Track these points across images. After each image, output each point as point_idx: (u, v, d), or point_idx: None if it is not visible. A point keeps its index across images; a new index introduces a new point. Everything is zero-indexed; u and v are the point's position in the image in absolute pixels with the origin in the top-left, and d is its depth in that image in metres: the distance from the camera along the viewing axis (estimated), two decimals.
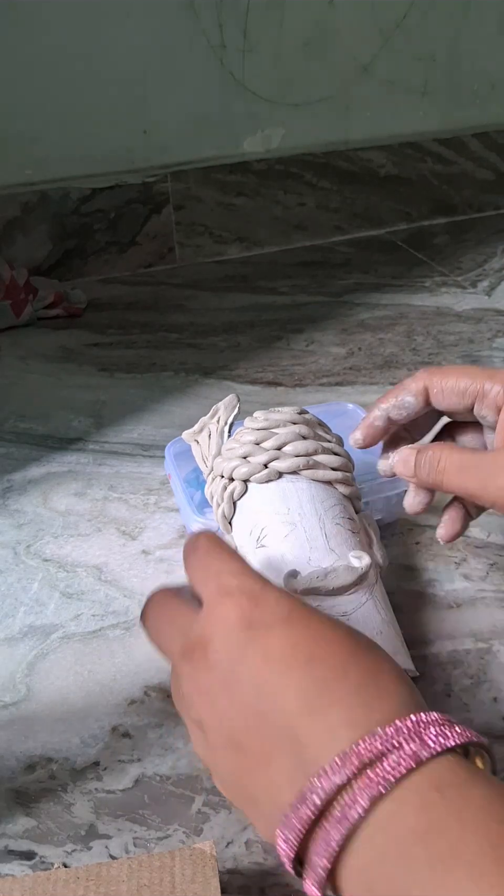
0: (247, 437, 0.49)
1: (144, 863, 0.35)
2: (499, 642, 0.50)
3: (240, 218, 1.08)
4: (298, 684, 0.28)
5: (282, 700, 0.28)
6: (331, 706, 0.27)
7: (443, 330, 0.88)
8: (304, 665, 0.28)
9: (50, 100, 0.95)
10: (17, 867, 0.39)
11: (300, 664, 0.28)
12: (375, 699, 0.27)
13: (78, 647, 0.51)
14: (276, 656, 0.28)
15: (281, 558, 0.44)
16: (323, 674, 0.28)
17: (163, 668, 0.49)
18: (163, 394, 0.78)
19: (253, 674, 0.28)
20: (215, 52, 0.98)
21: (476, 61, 1.12)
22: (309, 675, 0.28)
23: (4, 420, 0.75)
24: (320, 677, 0.28)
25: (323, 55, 1.04)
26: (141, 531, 0.60)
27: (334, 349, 0.85)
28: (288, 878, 0.38)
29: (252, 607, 0.30)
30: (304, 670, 0.28)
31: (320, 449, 0.48)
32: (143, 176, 1.02)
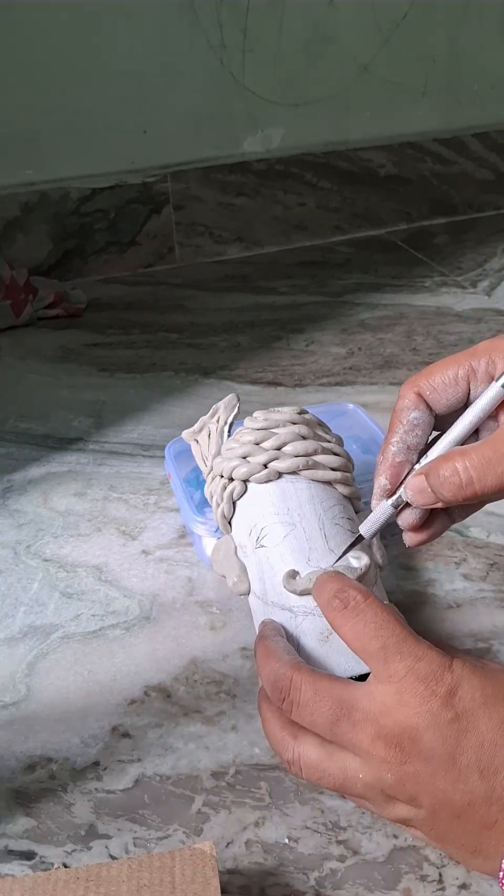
0: (246, 437, 0.49)
1: (144, 863, 0.35)
2: (499, 642, 0.50)
3: (240, 218, 1.08)
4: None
5: (503, 776, 0.32)
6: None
7: (443, 330, 0.88)
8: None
9: (50, 100, 0.95)
10: (17, 867, 0.39)
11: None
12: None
13: (78, 647, 0.51)
14: (489, 741, 0.33)
15: (280, 558, 0.44)
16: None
17: (162, 668, 0.49)
18: (163, 394, 0.78)
19: (473, 760, 0.32)
20: (215, 52, 0.98)
21: (476, 61, 1.12)
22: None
23: (4, 420, 0.75)
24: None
25: (323, 55, 1.04)
26: (141, 531, 0.60)
27: (334, 349, 0.85)
28: (288, 877, 0.38)
29: (451, 698, 0.33)
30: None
31: (320, 449, 0.48)
32: (143, 176, 1.02)
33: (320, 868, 0.38)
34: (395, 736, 0.33)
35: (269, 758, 0.43)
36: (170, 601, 0.54)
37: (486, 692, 0.33)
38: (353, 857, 0.39)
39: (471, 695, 0.33)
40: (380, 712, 0.34)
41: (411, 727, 0.33)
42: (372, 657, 0.35)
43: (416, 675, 0.34)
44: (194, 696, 0.47)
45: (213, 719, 0.46)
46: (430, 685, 0.33)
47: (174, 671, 0.49)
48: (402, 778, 0.33)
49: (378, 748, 0.34)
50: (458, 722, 0.33)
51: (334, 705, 0.35)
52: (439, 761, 0.33)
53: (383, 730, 0.33)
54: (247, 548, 0.47)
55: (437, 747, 0.33)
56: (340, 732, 0.35)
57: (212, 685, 0.48)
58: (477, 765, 0.32)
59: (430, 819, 0.34)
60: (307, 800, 0.41)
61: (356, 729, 0.34)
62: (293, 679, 0.36)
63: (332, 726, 0.35)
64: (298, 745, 0.36)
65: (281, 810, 0.41)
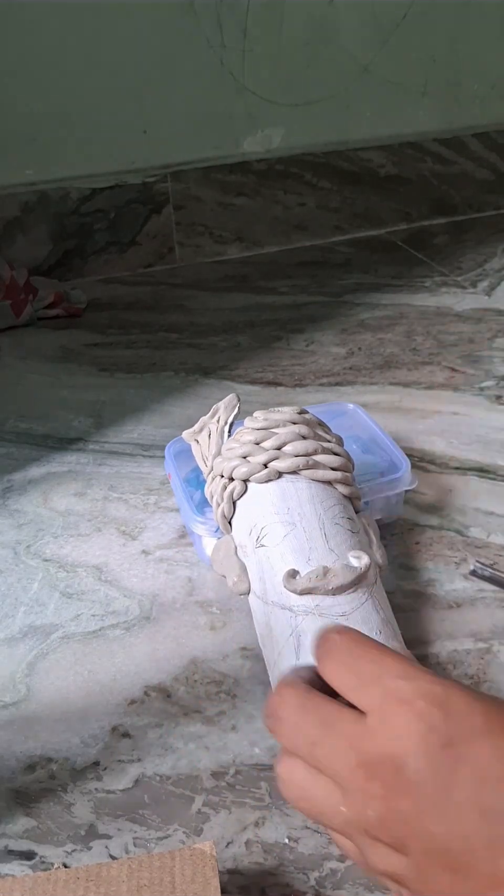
0: (247, 436, 0.49)
1: (144, 863, 0.35)
2: (499, 642, 0.50)
3: (240, 218, 1.08)
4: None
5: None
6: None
7: (443, 330, 0.88)
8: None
9: (50, 100, 0.95)
10: (17, 867, 0.39)
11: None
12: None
13: (78, 647, 0.51)
14: (494, 776, 0.26)
15: (280, 558, 0.44)
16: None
17: (162, 668, 0.49)
18: (163, 394, 0.78)
19: (471, 797, 0.26)
20: (215, 52, 0.98)
21: (476, 61, 1.12)
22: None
23: (4, 420, 0.75)
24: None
25: (323, 55, 1.04)
26: (141, 531, 0.60)
27: (334, 349, 0.85)
28: (288, 877, 0.38)
29: (444, 720, 0.27)
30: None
31: (320, 449, 0.48)
32: (143, 176, 1.02)
33: (320, 868, 0.38)
34: (377, 765, 0.28)
35: (269, 758, 0.43)
36: (170, 601, 0.54)
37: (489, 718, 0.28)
38: None
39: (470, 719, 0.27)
40: (361, 737, 0.29)
41: (396, 755, 0.27)
42: (349, 690, 0.30)
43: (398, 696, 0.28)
44: (194, 696, 0.47)
45: (213, 719, 0.46)
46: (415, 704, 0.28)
47: (174, 671, 0.49)
48: (385, 816, 0.28)
49: (359, 778, 0.28)
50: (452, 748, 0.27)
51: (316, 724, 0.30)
52: (430, 798, 0.27)
53: (364, 757, 0.28)
54: (247, 547, 0.47)
55: (426, 779, 0.27)
56: (321, 755, 0.30)
57: (212, 685, 0.48)
58: (477, 804, 0.26)
59: (420, 872, 0.27)
60: None
61: (336, 754, 0.29)
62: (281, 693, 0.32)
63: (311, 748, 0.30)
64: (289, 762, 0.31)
65: (281, 810, 0.41)
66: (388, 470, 0.58)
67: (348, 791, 0.29)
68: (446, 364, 0.81)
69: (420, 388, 0.77)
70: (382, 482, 0.56)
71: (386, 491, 0.56)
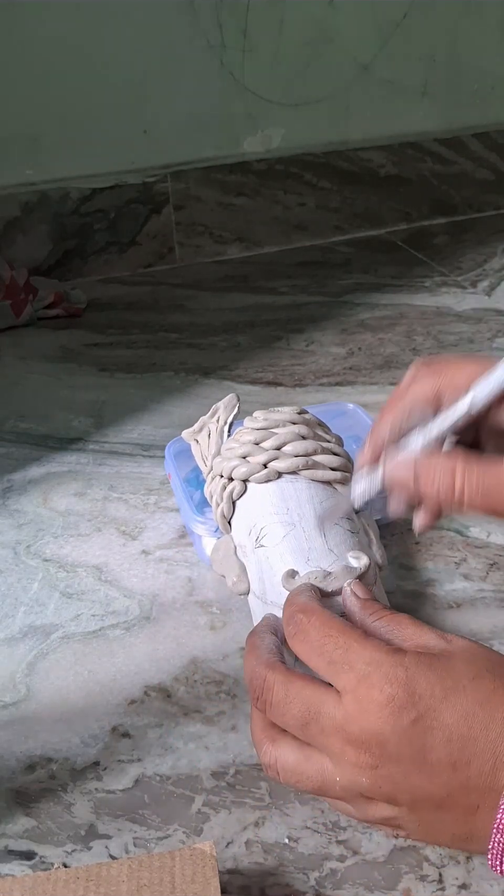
0: (246, 436, 0.49)
1: (144, 863, 0.35)
2: (499, 642, 0.50)
3: (240, 218, 1.08)
4: (484, 748, 0.32)
5: (476, 765, 0.32)
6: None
7: (443, 330, 0.88)
8: (480, 730, 0.32)
9: (50, 100, 0.95)
10: (17, 867, 0.39)
11: (478, 731, 0.32)
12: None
13: (78, 647, 0.51)
14: (456, 735, 0.32)
15: (280, 558, 0.44)
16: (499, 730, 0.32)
17: (162, 668, 0.49)
18: (163, 394, 0.78)
19: (444, 755, 0.32)
20: (215, 52, 0.98)
21: (476, 61, 1.12)
22: (487, 738, 0.32)
23: (4, 420, 0.75)
24: (499, 732, 0.32)
25: (323, 55, 1.03)
26: (141, 531, 0.60)
27: (334, 349, 0.85)
28: (288, 877, 0.38)
29: (410, 698, 0.32)
30: (482, 734, 0.32)
31: (320, 449, 0.48)
32: (143, 176, 1.02)
33: (320, 868, 0.38)
34: (362, 742, 0.33)
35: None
36: (170, 601, 0.54)
37: (445, 685, 0.33)
38: (353, 857, 0.39)
39: (430, 691, 0.32)
40: (344, 720, 0.33)
41: (376, 733, 0.32)
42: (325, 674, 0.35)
43: (368, 683, 0.33)
44: (194, 696, 0.47)
45: (213, 719, 0.46)
46: (384, 689, 0.33)
47: (174, 671, 0.49)
48: (376, 780, 0.33)
49: (348, 753, 0.33)
50: (421, 721, 0.32)
51: (303, 708, 0.34)
52: (410, 762, 0.32)
53: (350, 736, 0.33)
54: (246, 547, 0.47)
55: (404, 750, 0.32)
56: (311, 735, 0.34)
57: (212, 685, 0.48)
58: (448, 759, 0.32)
59: (413, 814, 0.33)
60: (307, 800, 0.41)
61: (325, 734, 0.34)
62: (266, 678, 0.36)
63: (302, 728, 0.35)
64: (276, 749, 0.36)
65: (281, 810, 0.41)
66: None
67: (339, 764, 0.34)
68: None
69: None
70: None
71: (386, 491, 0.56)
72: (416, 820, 0.33)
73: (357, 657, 0.34)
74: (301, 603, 0.38)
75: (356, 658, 0.34)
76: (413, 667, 0.33)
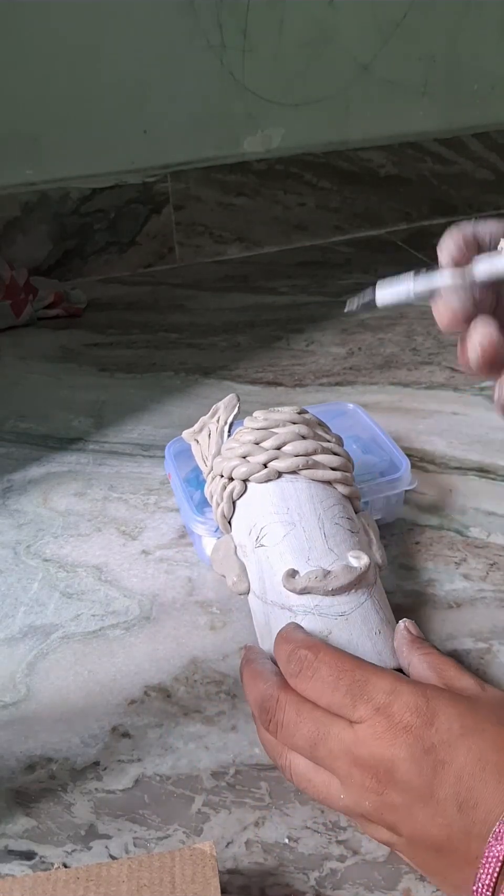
0: (246, 436, 0.49)
1: (144, 863, 0.35)
2: (499, 642, 0.50)
3: (240, 218, 1.08)
4: (493, 794, 0.31)
5: (483, 811, 0.30)
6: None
7: None
8: (493, 775, 0.31)
9: (50, 100, 0.95)
10: (17, 867, 0.39)
11: (490, 775, 0.31)
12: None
13: (78, 647, 0.51)
14: (467, 773, 0.31)
15: (280, 558, 0.44)
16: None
17: (162, 668, 0.49)
18: (163, 394, 0.78)
19: (451, 793, 0.31)
20: (215, 52, 0.98)
21: (476, 61, 1.12)
22: (499, 786, 0.31)
23: (4, 420, 0.75)
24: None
25: (323, 55, 1.04)
26: (141, 531, 0.60)
27: (334, 349, 0.85)
28: (288, 877, 0.38)
29: (426, 729, 0.32)
30: (494, 780, 0.31)
31: (320, 449, 0.48)
32: (143, 176, 1.02)
33: (320, 868, 0.38)
34: (370, 767, 0.32)
35: (268, 758, 0.43)
36: (170, 601, 0.54)
37: (464, 723, 0.32)
38: (353, 857, 0.39)
39: (447, 725, 0.32)
40: (354, 744, 0.33)
41: (387, 759, 0.32)
42: (339, 709, 0.35)
43: (387, 712, 0.33)
44: (194, 696, 0.47)
45: (213, 719, 0.46)
46: (403, 717, 0.32)
47: (174, 671, 0.49)
48: (379, 807, 0.33)
49: (355, 776, 0.33)
50: (434, 753, 0.32)
51: (313, 729, 0.34)
52: (417, 794, 0.32)
53: (358, 760, 0.33)
54: (246, 547, 0.47)
55: (413, 779, 0.32)
56: (319, 756, 0.34)
57: (212, 685, 0.48)
58: (455, 798, 0.31)
59: (411, 848, 0.33)
60: (307, 800, 0.41)
61: (333, 755, 0.34)
62: (279, 699, 0.36)
63: (311, 749, 0.35)
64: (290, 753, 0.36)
65: (281, 810, 0.41)
66: (387, 470, 0.58)
67: (345, 784, 0.34)
68: (446, 364, 0.81)
69: (420, 388, 0.77)
70: (382, 482, 0.56)
71: (386, 491, 0.56)
72: (414, 855, 0.33)
73: (376, 689, 0.34)
74: (301, 639, 0.38)
75: (375, 690, 0.34)
76: (435, 699, 0.33)
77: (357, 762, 0.33)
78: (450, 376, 0.79)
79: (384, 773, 0.32)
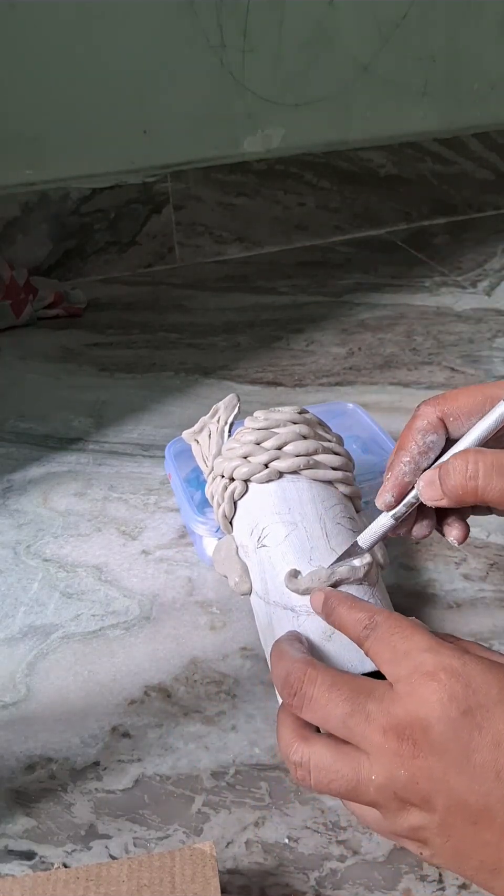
0: (247, 436, 0.49)
1: (144, 863, 0.35)
2: (499, 642, 0.50)
3: (240, 218, 1.08)
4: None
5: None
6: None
7: (443, 330, 0.88)
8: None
9: (50, 100, 0.95)
10: (17, 867, 0.39)
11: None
12: None
13: (78, 647, 0.51)
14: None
15: (282, 558, 0.44)
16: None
17: (162, 668, 0.49)
18: (163, 394, 0.78)
19: (489, 759, 0.31)
20: (215, 52, 0.98)
21: (476, 61, 1.12)
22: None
23: (4, 420, 0.75)
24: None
25: (323, 55, 1.04)
26: (141, 531, 0.60)
27: (334, 349, 0.85)
28: (288, 877, 0.38)
29: (463, 690, 0.31)
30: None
31: (321, 448, 0.48)
32: (143, 176, 1.02)
33: (320, 868, 0.38)
34: (406, 727, 0.32)
35: (269, 758, 0.43)
36: (170, 601, 0.54)
37: (503, 689, 0.32)
38: (353, 857, 0.39)
39: (486, 689, 0.31)
40: (391, 702, 0.33)
41: (422, 717, 0.32)
42: (389, 668, 0.34)
43: (423, 670, 0.32)
44: (194, 696, 0.47)
45: (213, 719, 0.46)
46: (438, 676, 0.32)
47: (174, 671, 0.49)
48: (414, 774, 0.32)
49: (390, 740, 0.32)
50: (471, 715, 0.31)
51: (351, 695, 0.34)
52: (452, 757, 0.31)
53: (394, 720, 0.32)
54: (248, 547, 0.47)
55: (449, 741, 0.31)
56: (353, 724, 0.33)
57: (212, 685, 0.48)
58: (493, 765, 0.30)
59: (445, 826, 0.32)
60: (307, 800, 0.41)
61: (369, 721, 0.33)
62: (308, 672, 0.35)
63: (346, 718, 0.34)
64: (309, 748, 0.35)
65: (281, 810, 0.41)
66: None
67: (378, 756, 0.32)
68: (446, 364, 0.81)
69: (420, 388, 0.77)
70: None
71: None
72: (447, 834, 0.32)
73: (416, 646, 0.33)
74: (359, 604, 0.38)
75: (415, 647, 0.33)
76: (472, 663, 0.32)
77: (392, 723, 0.32)
78: (450, 376, 0.79)
79: (420, 734, 0.31)
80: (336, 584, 0.42)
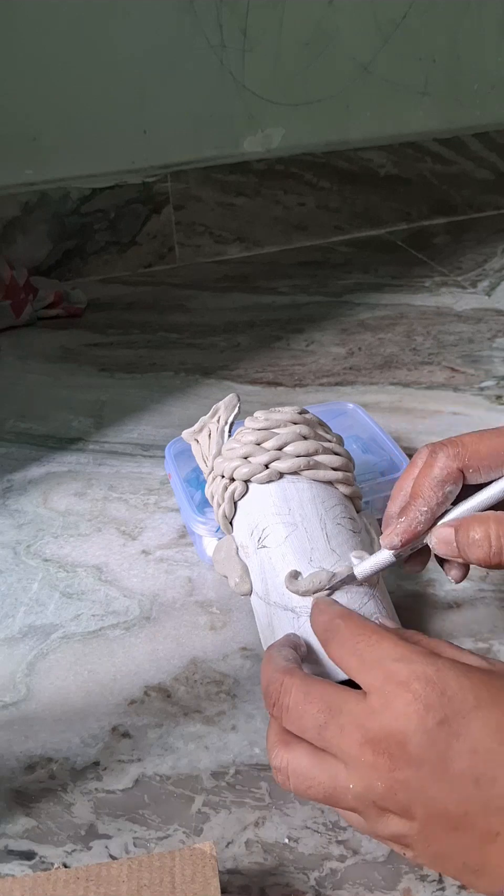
0: (247, 437, 0.49)
1: (144, 863, 0.35)
2: (499, 642, 0.50)
3: (240, 218, 1.08)
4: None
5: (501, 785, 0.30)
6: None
7: (443, 330, 0.88)
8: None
9: (50, 100, 0.95)
10: (17, 867, 0.39)
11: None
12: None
13: (78, 647, 0.51)
14: (484, 747, 0.30)
15: (282, 559, 0.44)
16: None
17: (162, 668, 0.49)
18: (163, 394, 0.78)
19: (467, 766, 0.30)
20: (215, 52, 0.98)
21: (476, 61, 1.12)
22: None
23: (4, 420, 0.75)
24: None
25: (323, 55, 1.03)
26: (141, 531, 0.60)
27: (334, 349, 0.85)
28: (288, 877, 0.38)
29: (438, 699, 0.31)
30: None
31: (321, 449, 0.48)
32: (143, 176, 1.02)
33: (320, 868, 0.38)
34: (381, 740, 0.31)
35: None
36: (170, 601, 0.54)
37: (479, 694, 0.31)
38: (353, 857, 0.39)
39: (461, 696, 0.31)
40: (365, 716, 0.32)
41: (398, 731, 0.31)
42: (356, 674, 0.34)
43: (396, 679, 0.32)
44: (194, 696, 0.47)
45: (213, 719, 0.46)
46: (411, 685, 0.31)
47: (174, 671, 0.49)
48: (392, 786, 0.31)
49: (366, 754, 0.32)
50: (447, 724, 0.31)
51: (323, 708, 0.33)
52: (430, 768, 0.31)
53: (369, 734, 0.32)
54: (248, 548, 0.47)
55: (426, 752, 0.31)
56: (328, 736, 0.33)
57: (212, 685, 0.48)
58: (471, 772, 0.30)
59: (425, 833, 0.31)
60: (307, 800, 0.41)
61: (343, 734, 0.32)
62: (283, 682, 0.35)
63: (320, 730, 0.33)
64: (288, 753, 0.34)
65: (281, 810, 0.41)
66: (388, 469, 0.58)
67: (355, 767, 0.32)
68: (446, 364, 0.81)
69: (420, 388, 0.77)
70: (383, 482, 0.56)
71: (386, 490, 0.56)
72: (428, 840, 0.32)
73: (386, 654, 0.33)
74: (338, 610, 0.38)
75: (385, 655, 0.33)
76: (445, 669, 0.32)
77: (369, 738, 0.32)
78: (450, 376, 0.79)
79: (396, 748, 0.31)
80: (336, 586, 0.42)
